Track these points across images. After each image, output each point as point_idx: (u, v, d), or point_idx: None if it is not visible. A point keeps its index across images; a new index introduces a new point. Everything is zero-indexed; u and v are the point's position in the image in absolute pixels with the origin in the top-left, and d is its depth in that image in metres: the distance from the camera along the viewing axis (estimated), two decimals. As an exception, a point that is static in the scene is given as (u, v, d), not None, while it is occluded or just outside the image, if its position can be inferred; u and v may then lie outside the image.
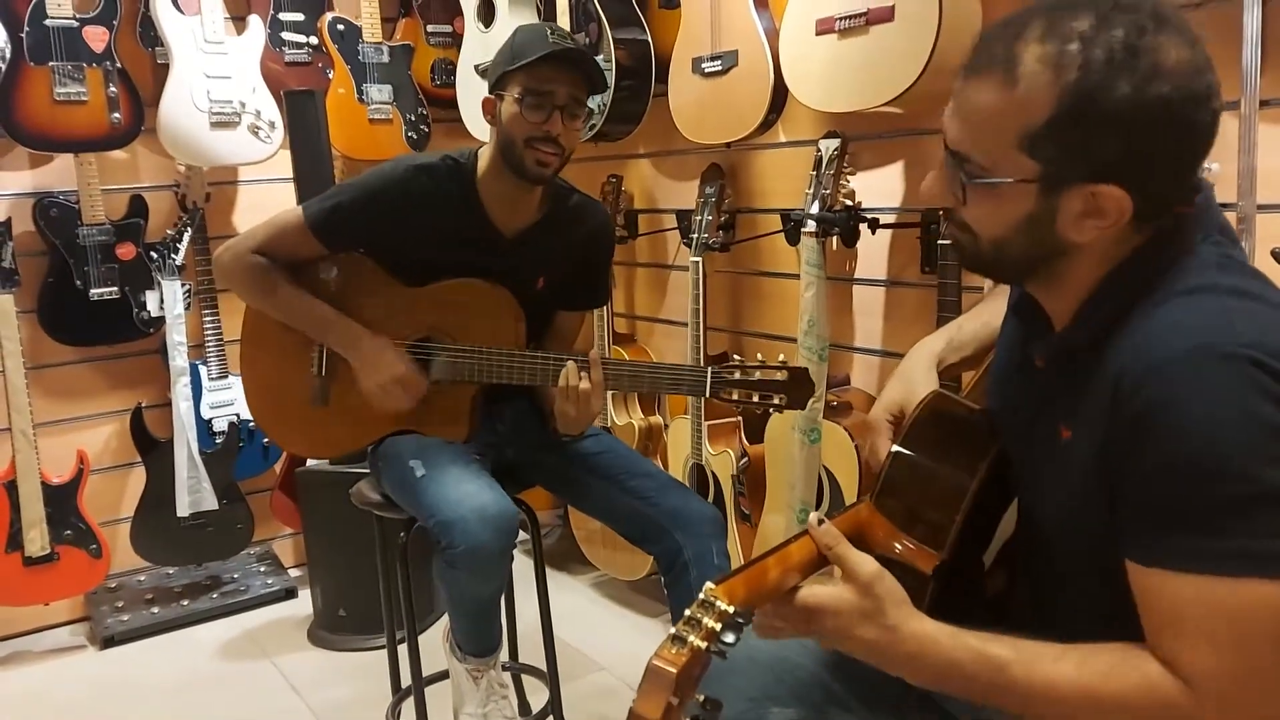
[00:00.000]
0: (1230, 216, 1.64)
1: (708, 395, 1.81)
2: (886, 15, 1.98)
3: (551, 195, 1.99)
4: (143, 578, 3.16)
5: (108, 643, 2.89)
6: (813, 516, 1.04)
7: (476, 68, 2.99)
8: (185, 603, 3.04)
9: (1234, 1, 1.65)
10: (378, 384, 1.91)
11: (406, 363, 1.91)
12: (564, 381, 1.83)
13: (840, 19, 2.05)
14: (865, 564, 1.00)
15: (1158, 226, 0.96)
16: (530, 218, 1.97)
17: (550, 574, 2.21)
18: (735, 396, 1.79)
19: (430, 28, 3.32)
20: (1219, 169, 1.60)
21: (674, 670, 0.89)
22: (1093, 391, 0.94)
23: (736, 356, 1.82)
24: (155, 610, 2.99)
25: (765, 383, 1.77)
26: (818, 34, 2.11)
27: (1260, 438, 0.81)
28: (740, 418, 2.59)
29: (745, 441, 2.57)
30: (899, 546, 1.10)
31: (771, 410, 1.81)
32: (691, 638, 0.92)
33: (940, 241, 2.00)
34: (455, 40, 3.32)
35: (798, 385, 1.77)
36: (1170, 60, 0.87)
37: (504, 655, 2.14)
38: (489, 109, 1.90)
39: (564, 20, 2.77)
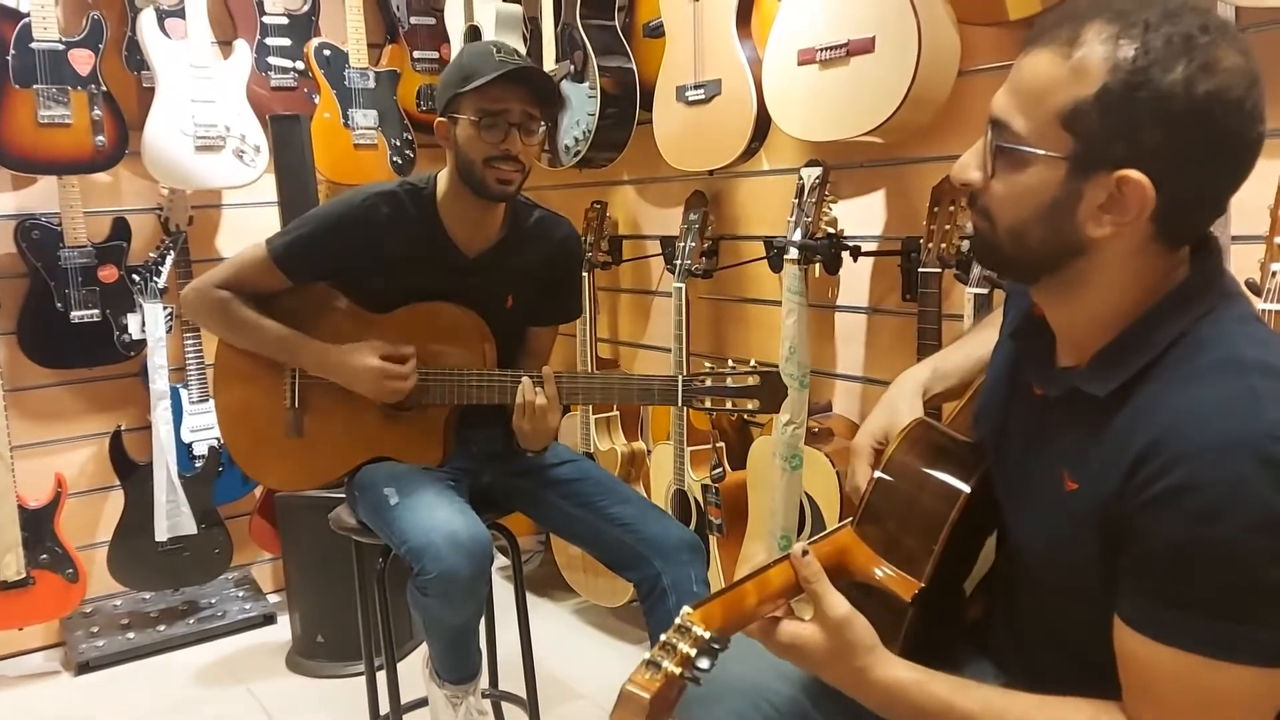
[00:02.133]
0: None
1: (680, 404, 1.81)
2: (867, 47, 2.00)
3: (513, 213, 2.00)
4: (119, 603, 3.12)
5: (82, 669, 2.86)
6: (797, 547, 1.04)
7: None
8: (162, 628, 3.00)
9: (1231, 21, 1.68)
10: (368, 386, 1.89)
11: (381, 350, 1.89)
12: (519, 398, 1.83)
13: (821, 50, 2.08)
14: (838, 606, 1.01)
15: (1176, 287, 0.96)
16: (492, 237, 1.98)
17: (531, 600, 2.21)
18: (709, 404, 1.79)
19: (416, 54, 3.33)
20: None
21: (647, 696, 0.89)
22: (1107, 449, 0.94)
23: (709, 364, 1.83)
24: (131, 636, 2.96)
25: (738, 388, 1.77)
26: (799, 64, 2.13)
27: (1272, 534, 0.83)
28: (723, 444, 2.59)
29: (727, 466, 2.57)
30: (879, 573, 1.10)
31: (746, 416, 1.81)
32: (666, 663, 0.92)
33: (921, 270, 2.01)
34: (441, 66, 3.33)
35: (770, 388, 1.77)
36: (1224, 63, 0.88)
37: (484, 682, 2.13)
38: (443, 132, 1.90)
39: (549, 48, 2.79)
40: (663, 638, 0.94)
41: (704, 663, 0.92)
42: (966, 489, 1.13)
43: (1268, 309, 1.40)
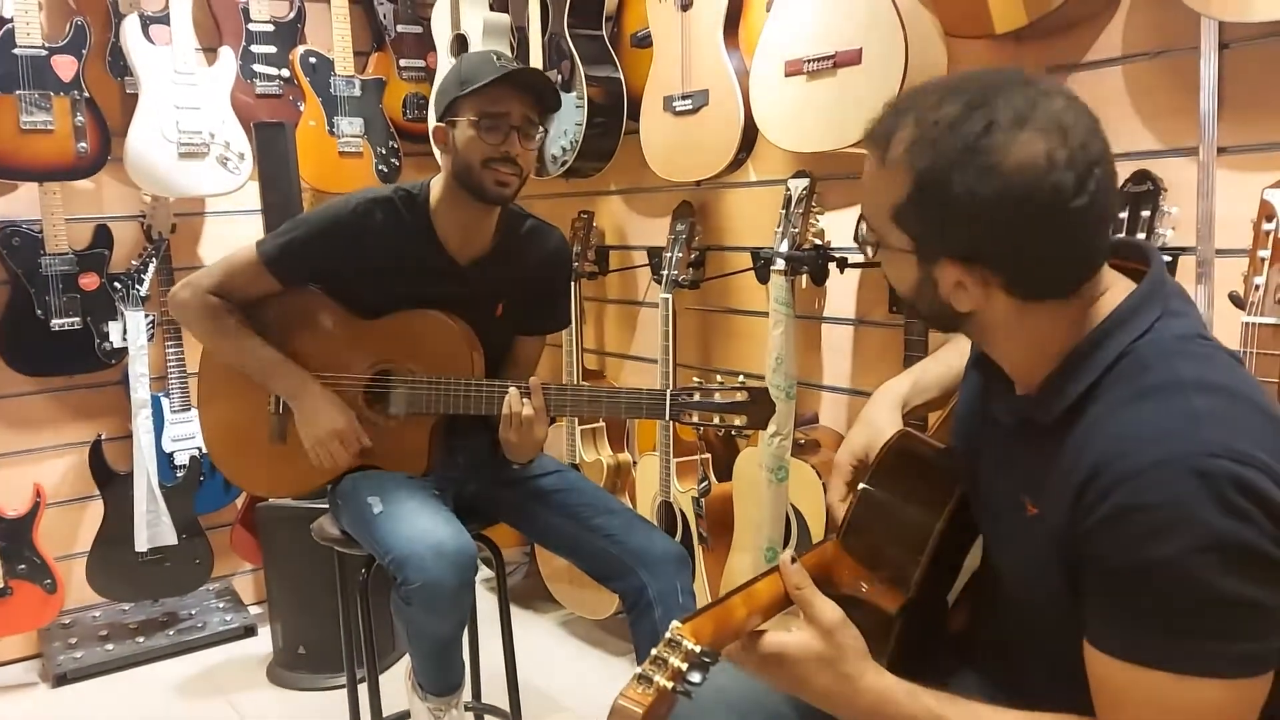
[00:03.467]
0: (1189, 260, 1.68)
1: (667, 418, 1.80)
2: (854, 59, 2.00)
3: (505, 221, 1.99)
4: (97, 614, 3.09)
5: (60, 681, 2.82)
6: (785, 555, 1.04)
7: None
8: (141, 640, 2.97)
9: (1192, 51, 1.69)
10: (313, 438, 1.90)
11: (348, 417, 1.90)
12: (506, 409, 1.82)
13: (808, 61, 2.08)
14: (828, 611, 1.01)
15: (1115, 311, 0.97)
16: (485, 245, 1.97)
17: (516, 612, 2.19)
18: (696, 419, 1.78)
19: (403, 62, 3.33)
20: (1178, 212, 1.63)
21: (640, 710, 0.89)
22: (1058, 474, 0.96)
23: (696, 378, 1.82)
24: (110, 647, 2.92)
25: (726, 404, 1.77)
26: (787, 75, 2.14)
27: (1217, 549, 0.84)
28: (709, 455, 2.59)
29: (713, 479, 2.56)
30: (865, 586, 1.10)
31: (733, 432, 1.81)
32: (658, 677, 0.91)
33: (907, 281, 2.02)
34: (428, 75, 3.33)
35: (758, 405, 1.77)
36: (1010, 160, 0.90)
37: (467, 695, 2.11)
38: (440, 137, 1.90)
39: (536, 57, 2.79)
40: (653, 652, 0.94)
41: (695, 676, 0.92)
42: (951, 499, 1.13)
43: (1251, 321, 1.40)
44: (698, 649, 0.93)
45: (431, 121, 3.24)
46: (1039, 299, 0.97)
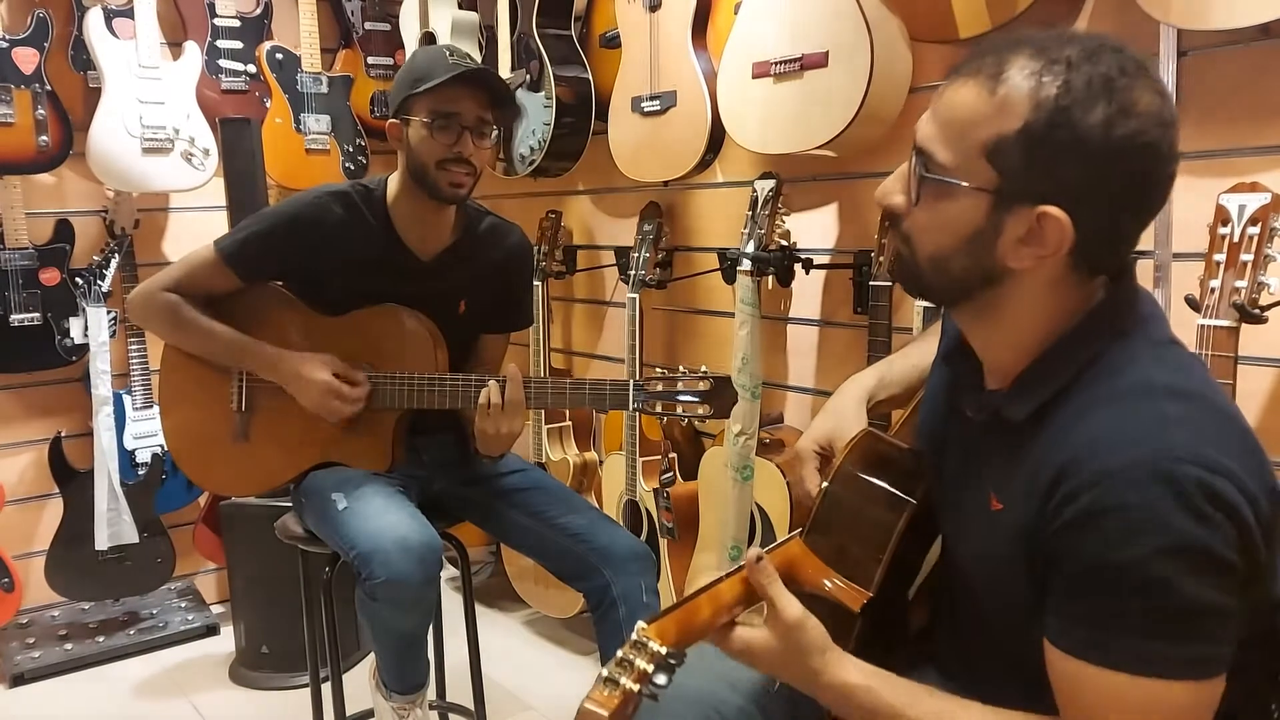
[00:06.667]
0: (1148, 264, 1.71)
1: (630, 408, 1.81)
2: (820, 61, 2.02)
3: (465, 218, 1.99)
4: (56, 613, 3.05)
5: (17, 681, 2.78)
6: (752, 552, 1.05)
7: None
8: (101, 639, 2.94)
9: (1150, 58, 1.71)
10: (313, 400, 1.88)
11: (335, 367, 1.88)
12: (484, 399, 1.81)
13: (776, 63, 2.10)
14: (791, 608, 1.01)
15: (1091, 310, 0.98)
16: (445, 241, 1.97)
17: (481, 611, 2.19)
18: (659, 409, 1.78)
19: (371, 59, 3.31)
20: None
21: (605, 713, 0.89)
22: (1027, 471, 0.96)
23: (660, 369, 1.83)
24: (69, 647, 2.89)
25: (689, 393, 1.77)
26: (754, 77, 2.15)
27: (1182, 555, 0.85)
28: (675, 454, 2.59)
29: (678, 472, 2.57)
30: (828, 584, 1.11)
31: (696, 422, 1.82)
32: (623, 680, 0.92)
33: (872, 283, 2.03)
34: (396, 72, 3.31)
35: (721, 394, 1.77)
36: (1142, 105, 0.90)
37: (431, 693, 2.11)
38: (395, 134, 1.89)
39: (505, 56, 2.79)
40: (619, 654, 0.94)
41: (661, 679, 0.93)
42: (913, 500, 1.15)
43: (1206, 324, 1.43)
44: (663, 650, 0.94)
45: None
46: (1088, 266, 0.96)
